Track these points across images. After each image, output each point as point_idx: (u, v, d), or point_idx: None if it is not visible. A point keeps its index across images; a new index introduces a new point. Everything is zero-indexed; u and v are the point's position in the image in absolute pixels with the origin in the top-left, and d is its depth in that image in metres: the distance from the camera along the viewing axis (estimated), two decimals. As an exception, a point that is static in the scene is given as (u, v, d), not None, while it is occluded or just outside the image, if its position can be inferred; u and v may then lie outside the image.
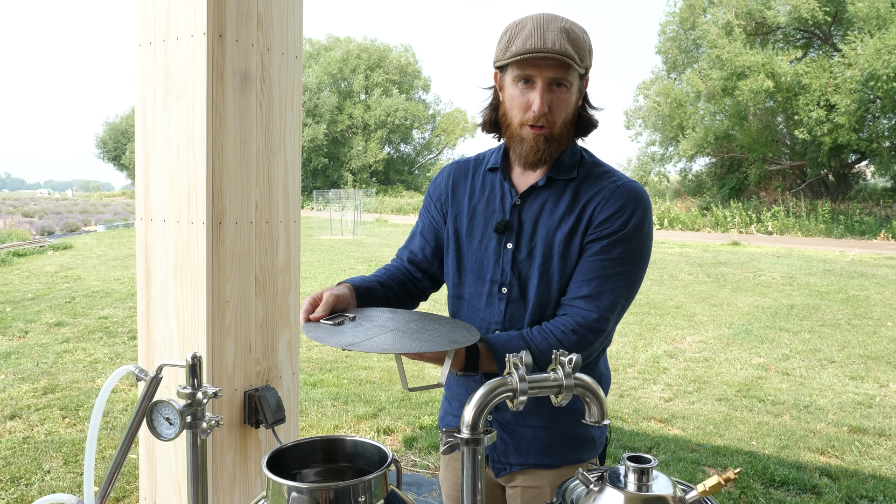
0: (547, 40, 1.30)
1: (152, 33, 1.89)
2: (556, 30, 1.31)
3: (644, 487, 0.91)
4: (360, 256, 14.17)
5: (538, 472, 1.49)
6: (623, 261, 1.37)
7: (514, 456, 1.50)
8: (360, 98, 44.98)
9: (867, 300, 9.22)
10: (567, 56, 1.30)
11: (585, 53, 1.35)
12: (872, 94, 20.06)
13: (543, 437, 1.47)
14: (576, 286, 1.39)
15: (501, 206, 1.47)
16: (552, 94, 1.35)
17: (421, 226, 1.63)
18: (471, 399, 0.95)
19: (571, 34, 1.33)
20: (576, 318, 1.36)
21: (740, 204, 24.37)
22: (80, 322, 7.27)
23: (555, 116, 1.36)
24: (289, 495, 0.95)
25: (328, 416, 4.50)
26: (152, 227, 1.94)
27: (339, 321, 1.30)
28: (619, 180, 1.41)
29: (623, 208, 1.37)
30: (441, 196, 1.58)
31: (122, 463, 1.16)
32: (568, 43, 1.31)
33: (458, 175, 1.57)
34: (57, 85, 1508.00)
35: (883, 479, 3.61)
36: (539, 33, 1.31)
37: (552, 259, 1.41)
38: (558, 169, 1.43)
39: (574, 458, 1.49)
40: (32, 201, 40.74)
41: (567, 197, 1.42)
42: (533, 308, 1.43)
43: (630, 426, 4.43)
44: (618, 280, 1.37)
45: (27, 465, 3.59)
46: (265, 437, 2.00)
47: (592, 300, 1.36)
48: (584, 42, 1.35)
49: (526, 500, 1.51)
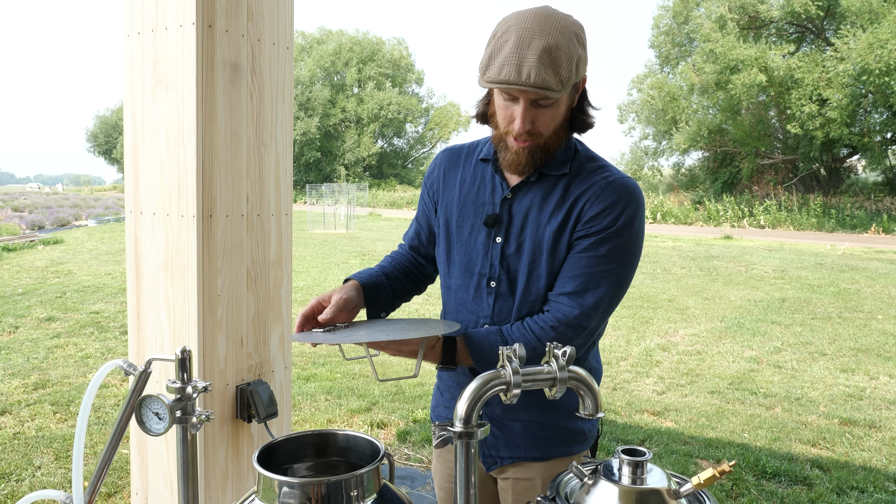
0: (522, 71, 1.22)
1: (140, 23, 1.87)
2: (535, 54, 1.22)
3: (638, 480, 0.90)
4: (353, 250, 14.14)
5: (529, 464, 1.49)
6: (610, 258, 1.35)
7: (505, 449, 1.50)
8: (353, 91, 44.83)
9: (858, 293, 9.27)
10: (544, 87, 1.22)
11: (572, 70, 1.25)
12: (864, 89, 20.13)
13: (533, 431, 1.47)
14: (561, 282, 1.37)
15: (492, 198, 1.45)
16: (536, 110, 1.30)
17: (418, 213, 1.65)
18: (463, 392, 0.94)
19: (553, 53, 1.23)
20: (557, 314, 1.35)
21: (733, 198, 24.46)
22: (71, 317, 7.22)
23: (540, 130, 1.33)
24: (280, 490, 0.94)
25: (321, 411, 4.49)
26: (142, 221, 1.92)
27: (330, 329, 1.30)
28: (611, 176, 1.38)
29: (613, 205, 1.34)
30: (434, 184, 1.58)
31: (112, 458, 1.15)
32: (549, 67, 1.22)
33: (449, 163, 1.56)
34: (47, 78, 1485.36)
35: (873, 470, 3.63)
36: (516, 61, 1.23)
37: (541, 255, 1.39)
38: (551, 165, 1.41)
39: (565, 450, 1.49)
40: (22, 196, 40.45)
41: (558, 192, 1.40)
42: (520, 303, 1.42)
43: (623, 419, 4.44)
44: (604, 277, 1.35)
45: (17, 460, 3.57)
46: (258, 432, 1.99)
47: (576, 297, 1.35)
48: (570, 57, 1.25)
49: (517, 491, 1.51)
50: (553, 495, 0.94)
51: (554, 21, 1.26)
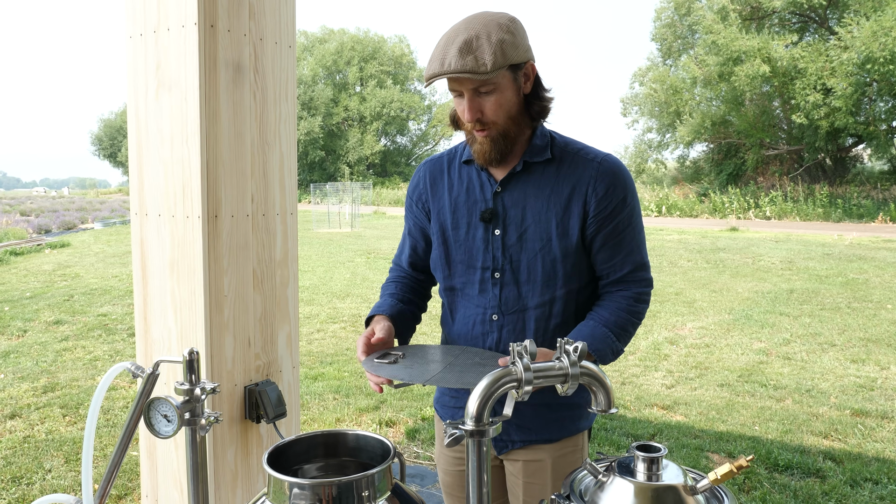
0: (444, 62, 1.33)
1: (143, 25, 1.86)
2: (456, 46, 1.32)
3: (654, 477, 0.89)
4: (358, 249, 14.14)
5: (539, 446, 1.53)
6: (635, 226, 1.49)
7: (517, 433, 1.53)
8: (356, 90, 44.78)
9: (866, 283, 9.21)
10: (465, 72, 1.31)
11: (497, 55, 1.32)
12: (869, 77, 19.98)
13: (544, 412, 1.51)
14: (618, 265, 1.48)
15: (483, 195, 1.50)
16: (481, 99, 1.38)
17: (408, 227, 1.68)
18: (475, 390, 0.93)
19: (474, 44, 1.32)
20: (633, 289, 1.50)
21: (738, 189, 24.34)
22: (79, 320, 7.24)
23: (491, 118, 1.40)
24: (290, 492, 0.93)
25: (330, 410, 4.49)
26: (147, 223, 1.92)
27: (393, 360, 1.37)
28: (597, 157, 1.47)
29: (615, 182, 1.45)
30: (421, 195, 1.61)
31: (121, 461, 1.14)
32: (467, 56, 1.31)
33: (434, 172, 1.60)
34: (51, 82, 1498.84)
35: (886, 461, 3.61)
36: (440, 55, 1.34)
37: (551, 239, 1.45)
38: (532, 153, 1.47)
39: (573, 428, 1.54)
40: (29, 200, 40.61)
41: (549, 178, 1.47)
42: (528, 289, 1.47)
43: (633, 413, 4.42)
44: (640, 243, 1.51)
45: (28, 464, 3.58)
46: (266, 432, 1.98)
47: (636, 272, 1.50)
48: (491, 44, 1.32)
49: (528, 473, 1.54)
50: (567, 493, 0.93)
51: (479, 17, 1.37)
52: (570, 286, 1.47)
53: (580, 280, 1.48)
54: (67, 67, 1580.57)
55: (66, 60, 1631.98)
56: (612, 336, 1.44)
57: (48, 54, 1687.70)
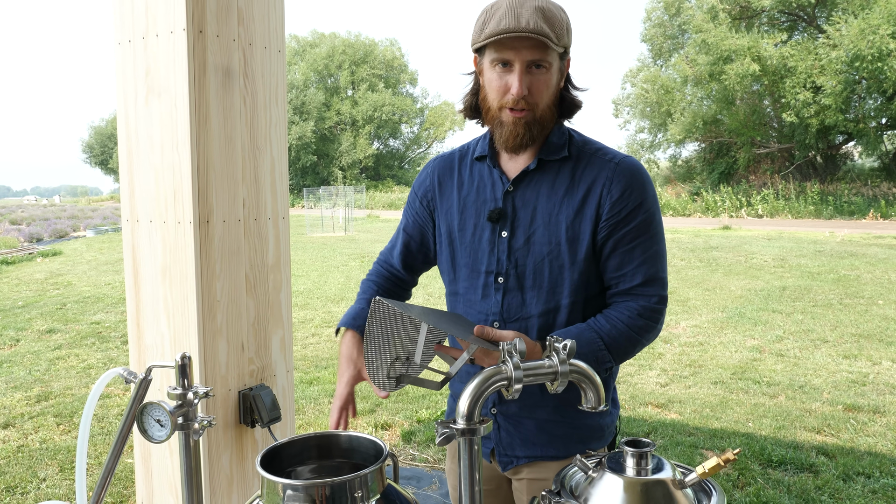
0: (521, 20, 1.26)
1: (131, 31, 1.86)
2: (530, 9, 1.27)
3: (643, 472, 0.90)
4: (352, 253, 14.13)
5: (545, 464, 1.46)
6: (654, 235, 1.38)
7: (521, 448, 1.47)
8: (347, 94, 44.78)
9: (858, 279, 9.27)
10: (543, 35, 1.26)
11: (563, 32, 1.31)
12: (858, 75, 20.13)
13: (550, 428, 1.45)
14: (629, 276, 1.37)
15: (493, 194, 1.43)
16: (531, 76, 1.31)
17: (405, 223, 1.61)
18: (465, 389, 0.93)
19: (547, 12, 1.28)
20: (640, 301, 1.37)
21: (730, 188, 24.45)
22: (72, 328, 7.21)
23: (535, 99, 1.33)
24: (283, 493, 0.94)
25: (325, 414, 4.48)
26: (139, 229, 1.92)
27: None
28: (615, 157, 1.39)
29: (631, 184, 1.36)
30: (427, 192, 1.55)
31: (115, 467, 1.15)
32: (543, 22, 1.27)
33: (443, 169, 1.54)
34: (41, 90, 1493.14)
35: (878, 455, 3.63)
36: (513, 13, 1.27)
37: (560, 244, 1.37)
38: (548, 150, 1.40)
39: (581, 448, 1.45)
40: (20, 208, 40.39)
41: (564, 178, 1.39)
42: (533, 296, 1.39)
43: (627, 412, 4.44)
44: (658, 254, 1.39)
45: (22, 473, 3.57)
46: (261, 437, 1.98)
47: (647, 286, 1.37)
48: (560, 20, 1.30)
49: (532, 491, 1.48)
50: (558, 489, 0.94)
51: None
52: (577, 296, 1.38)
53: (588, 290, 1.39)
54: (57, 75, 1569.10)
55: (55, 68, 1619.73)
56: (602, 344, 1.33)
57: (37, 62, 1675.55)
